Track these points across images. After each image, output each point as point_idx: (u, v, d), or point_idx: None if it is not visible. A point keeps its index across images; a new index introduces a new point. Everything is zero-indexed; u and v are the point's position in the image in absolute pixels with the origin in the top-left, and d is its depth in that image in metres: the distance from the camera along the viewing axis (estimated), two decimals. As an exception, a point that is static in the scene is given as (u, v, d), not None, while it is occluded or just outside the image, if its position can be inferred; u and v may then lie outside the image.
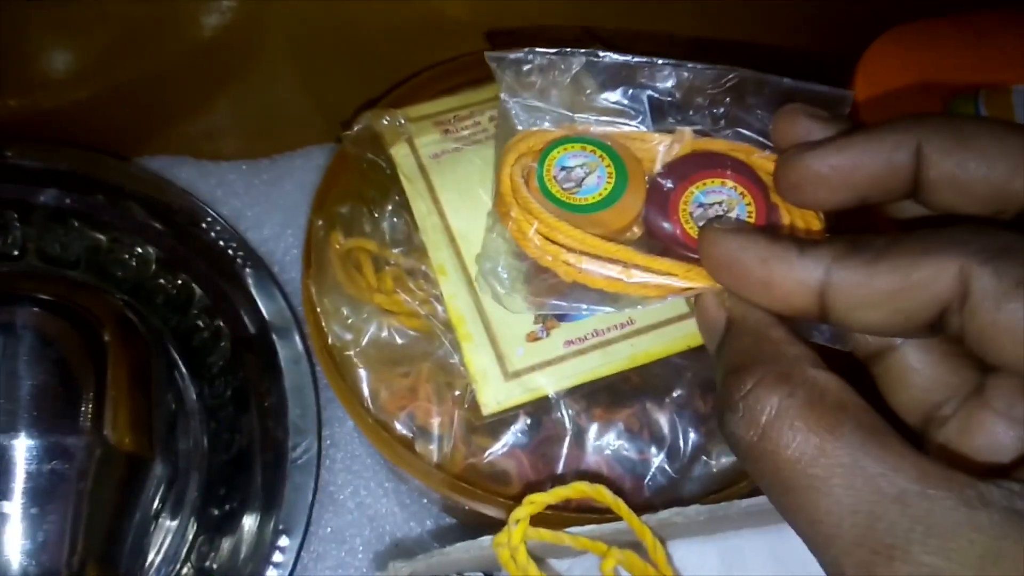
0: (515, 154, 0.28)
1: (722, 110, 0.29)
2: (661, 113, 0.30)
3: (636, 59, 0.29)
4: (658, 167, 0.28)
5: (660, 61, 0.29)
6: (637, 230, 0.27)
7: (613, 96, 0.30)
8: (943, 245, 0.20)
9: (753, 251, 0.22)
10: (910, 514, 0.18)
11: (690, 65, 0.29)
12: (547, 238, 0.26)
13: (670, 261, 0.25)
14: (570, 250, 0.26)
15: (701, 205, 0.27)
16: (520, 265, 0.28)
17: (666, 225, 0.26)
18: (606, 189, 0.27)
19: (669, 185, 0.27)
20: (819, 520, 0.19)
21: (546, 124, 0.29)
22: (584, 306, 0.27)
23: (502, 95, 0.30)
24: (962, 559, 0.17)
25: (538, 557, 0.32)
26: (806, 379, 0.20)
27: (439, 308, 0.35)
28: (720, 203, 0.26)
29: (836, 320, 0.21)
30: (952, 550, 0.17)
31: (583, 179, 0.28)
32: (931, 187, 0.22)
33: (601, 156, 0.28)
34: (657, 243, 0.26)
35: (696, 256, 0.25)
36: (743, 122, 0.29)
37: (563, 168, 0.28)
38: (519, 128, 0.29)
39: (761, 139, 0.28)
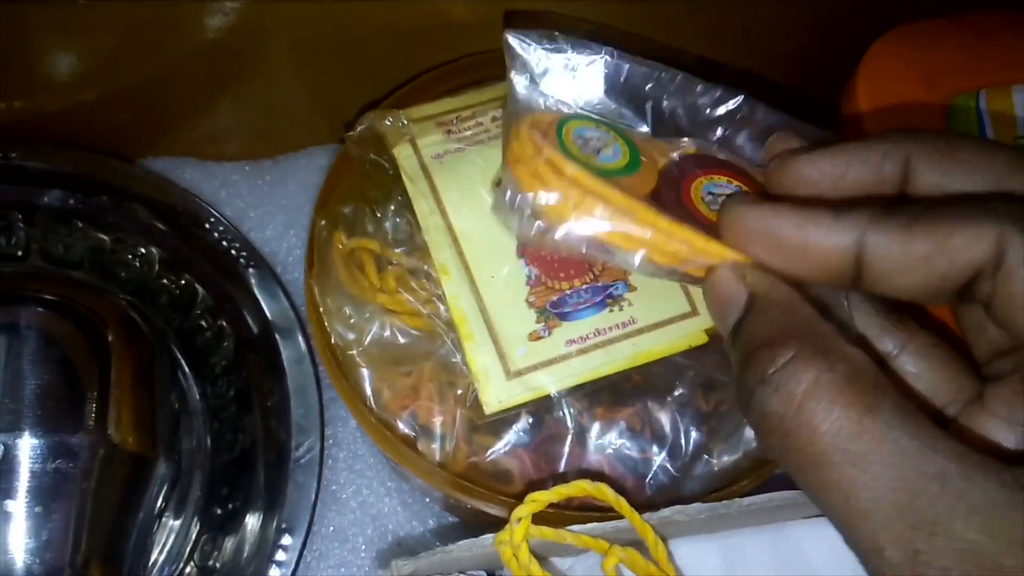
0: (530, 121, 0.28)
1: (718, 134, 0.30)
2: (661, 124, 0.30)
3: (648, 66, 0.29)
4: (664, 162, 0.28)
5: (666, 75, 0.29)
6: None
7: (619, 99, 0.30)
8: (981, 212, 0.20)
9: (787, 217, 0.22)
10: (951, 492, 0.18)
11: (698, 88, 0.29)
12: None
13: (690, 229, 0.25)
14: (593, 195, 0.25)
15: (711, 194, 0.27)
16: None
17: (680, 202, 0.26)
18: (623, 161, 0.27)
19: (679, 173, 0.27)
20: (855, 495, 0.19)
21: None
22: (593, 252, 0.26)
23: (512, 74, 0.30)
24: (1008, 538, 0.17)
25: (540, 555, 0.32)
26: (844, 355, 0.20)
27: (441, 308, 0.35)
28: (729, 195, 0.26)
29: (869, 285, 0.21)
30: (996, 529, 0.18)
31: (600, 149, 0.28)
32: (917, 197, 0.22)
33: (615, 136, 0.28)
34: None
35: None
36: (735, 149, 0.29)
37: (580, 136, 0.28)
38: (526, 109, 0.29)
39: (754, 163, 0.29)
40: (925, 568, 0.18)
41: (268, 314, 0.42)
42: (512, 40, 0.30)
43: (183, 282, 0.43)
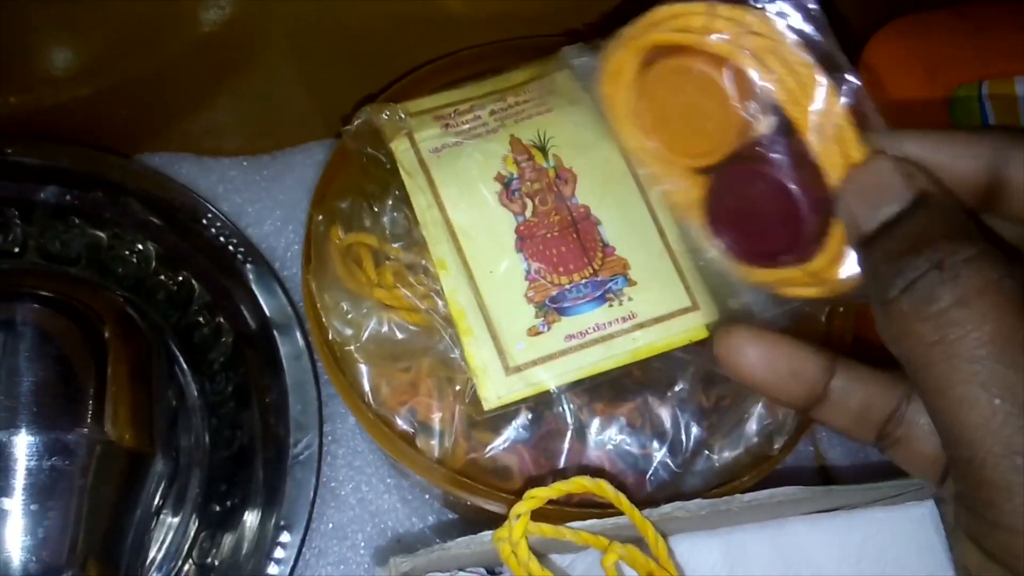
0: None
1: None
2: None
3: None
4: None
5: None
6: None
7: None
8: None
9: (928, 138, 0.23)
10: None
11: None
12: None
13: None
14: None
15: None
16: None
17: None
18: None
19: None
20: (1006, 390, 0.19)
21: None
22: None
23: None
24: None
25: (539, 552, 0.32)
26: (1018, 271, 0.20)
27: (439, 303, 0.34)
28: None
29: (1004, 206, 0.22)
30: None
31: None
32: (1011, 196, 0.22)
33: None
34: None
35: None
36: None
37: None
38: None
39: None
40: None
41: (266, 310, 0.42)
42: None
43: (180, 278, 0.43)
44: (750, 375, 0.25)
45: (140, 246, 0.43)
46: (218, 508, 0.40)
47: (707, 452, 0.34)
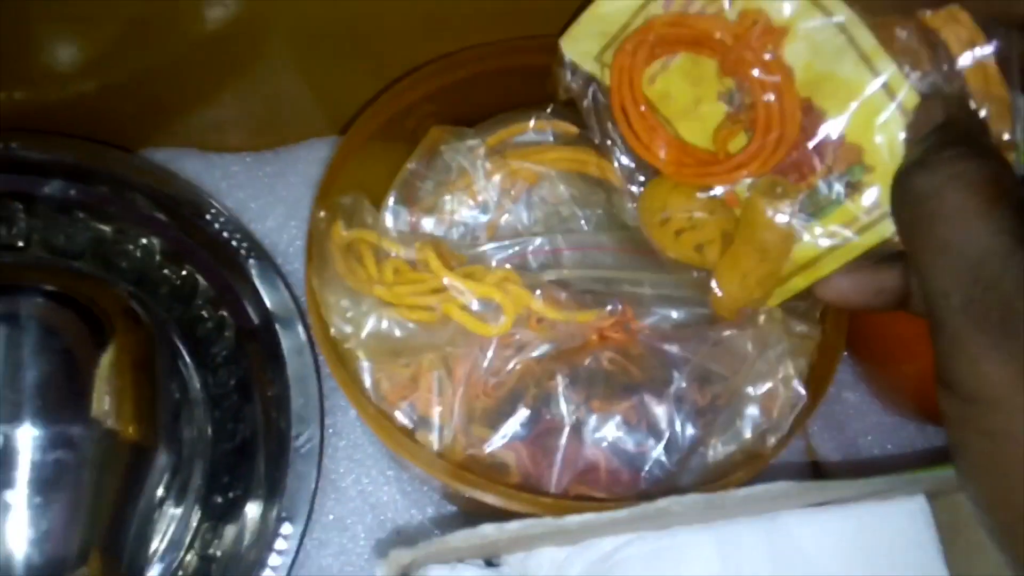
0: None
1: None
2: None
3: None
4: None
5: None
6: None
7: None
8: None
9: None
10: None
11: None
12: None
13: None
14: None
15: None
16: None
17: None
18: None
19: None
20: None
21: None
22: None
23: None
24: None
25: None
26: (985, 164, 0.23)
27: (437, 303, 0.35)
28: None
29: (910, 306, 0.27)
30: None
31: None
32: None
33: None
34: None
35: None
36: None
37: None
38: None
39: None
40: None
41: (268, 305, 0.42)
42: None
43: (184, 273, 0.43)
44: (846, 299, 0.29)
45: (144, 240, 0.43)
46: (220, 500, 0.40)
47: (702, 449, 0.35)
